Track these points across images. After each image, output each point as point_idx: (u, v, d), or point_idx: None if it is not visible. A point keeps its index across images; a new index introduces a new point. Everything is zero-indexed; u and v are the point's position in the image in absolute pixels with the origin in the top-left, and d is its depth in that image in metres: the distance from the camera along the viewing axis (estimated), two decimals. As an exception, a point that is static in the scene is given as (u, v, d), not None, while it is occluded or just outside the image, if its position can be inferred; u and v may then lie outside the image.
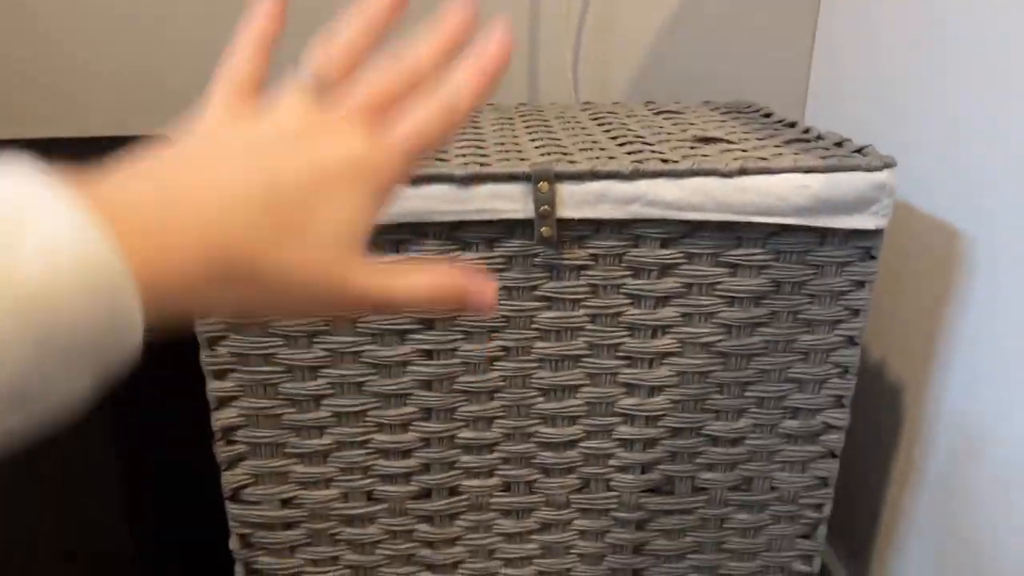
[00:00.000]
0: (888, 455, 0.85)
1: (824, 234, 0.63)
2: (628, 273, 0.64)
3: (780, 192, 0.61)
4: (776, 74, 0.99)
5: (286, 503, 0.70)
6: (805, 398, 0.69)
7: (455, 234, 0.62)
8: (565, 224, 0.62)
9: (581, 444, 0.70)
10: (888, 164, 0.61)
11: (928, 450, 0.78)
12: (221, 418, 0.66)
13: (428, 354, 0.66)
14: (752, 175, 0.61)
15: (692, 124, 0.79)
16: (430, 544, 0.73)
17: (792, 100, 1.01)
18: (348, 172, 0.27)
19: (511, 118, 0.84)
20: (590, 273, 0.64)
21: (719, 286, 0.64)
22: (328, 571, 0.73)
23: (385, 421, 0.67)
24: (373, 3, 0.30)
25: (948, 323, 0.74)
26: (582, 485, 0.71)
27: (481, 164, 0.62)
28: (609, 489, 0.72)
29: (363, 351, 0.65)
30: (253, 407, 0.66)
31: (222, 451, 0.68)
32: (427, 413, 0.68)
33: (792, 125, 0.78)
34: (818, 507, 0.73)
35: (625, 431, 0.69)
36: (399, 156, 0.29)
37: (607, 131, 0.76)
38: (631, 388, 0.68)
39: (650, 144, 0.69)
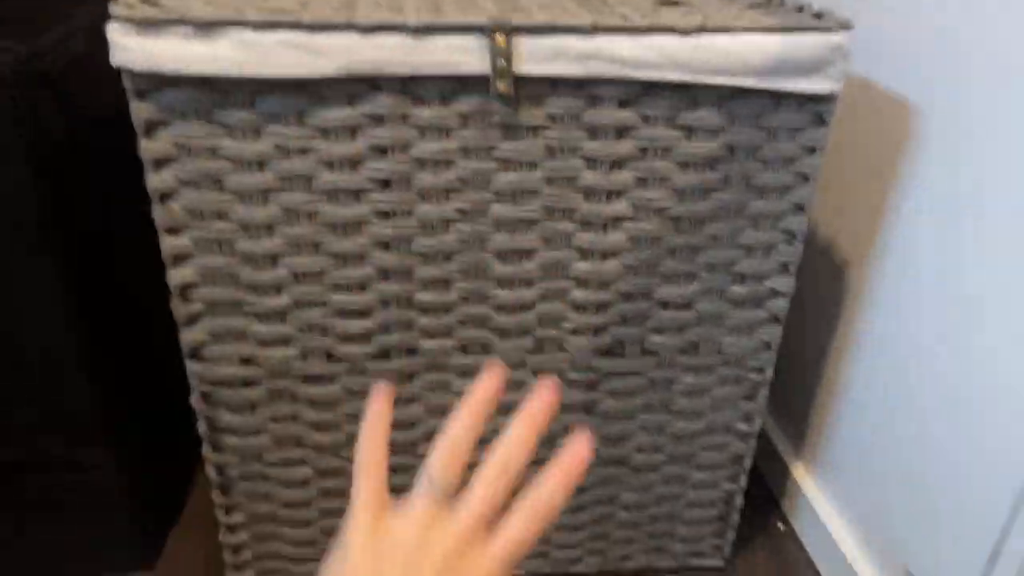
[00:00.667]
0: (830, 326, 0.89)
1: (779, 98, 0.64)
2: (585, 135, 0.64)
3: (738, 52, 0.61)
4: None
5: (246, 361, 0.71)
6: (753, 264, 0.71)
7: (409, 88, 0.61)
8: (522, 82, 0.61)
9: (536, 307, 0.72)
10: (845, 26, 0.61)
11: (868, 321, 0.81)
12: (177, 276, 0.67)
13: (385, 215, 0.66)
14: (711, 33, 0.60)
15: (656, -10, 0.77)
16: (388, 403, 0.75)
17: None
18: None
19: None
20: (547, 134, 0.64)
21: (674, 150, 0.65)
22: (289, 427, 0.75)
23: (342, 282, 0.68)
24: (477, 401, 0.35)
25: (893, 197, 0.76)
26: (536, 347, 0.74)
27: (437, 11, 0.61)
28: (562, 350, 0.74)
29: (319, 211, 0.65)
30: (209, 265, 0.66)
31: (180, 309, 0.68)
32: (385, 274, 0.68)
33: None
34: (760, 370, 0.77)
35: (578, 295, 0.71)
36: (503, 565, 0.33)
37: (569, -6, 0.74)
38: (585, 253, 0.69)
39: (610, 5, 0.68)
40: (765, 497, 1.01)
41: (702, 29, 0.60)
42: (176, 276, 0.67)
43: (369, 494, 0.34)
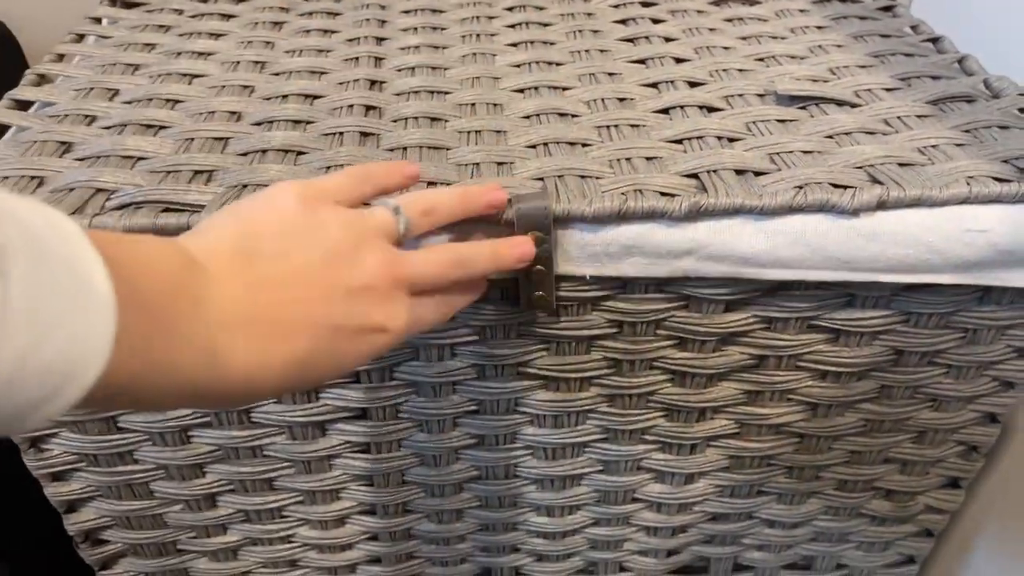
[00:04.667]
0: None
1: (987, 289, 0.39)
2: (668, 343, 0.41)
3: (934, 241, 0.36)
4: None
5: (192, 599, 0.53)
6: (905, 480, 0.49)
7: (390, 300, 0.38)
8: (568, 281, 0.38)
9: (587, 530, 0.51)
10: None
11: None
12: (78, 521, 0.47)
13: (363, 448, 0.44)
14: (892, 209, 0.36)
15: (776, 40, 0.50)
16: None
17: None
18: (367, 330, 0.28)
19: (492, 16, 0.55)
20: (608, 344, 0.40)
21: (808, 356, 0.42)
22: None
23: (313, 517, 0.48)
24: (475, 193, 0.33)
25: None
26: (586, 567, 0.53)
27: (430, 184, 0.36)
28: (623, 570, 0.54)
29: (270, 444, 0.44)
30: (116, 509, 0.46)
31: (90, 554, 0.49)
32: (370, 508, 0.48)
33: (934, 41, 0.50)
34: (895, 582, 0.56)
35: (648, 517, 0.50)
36: (406, 330, 0.30)
37: (639, 64, 0.48)
38: (661, 475, 0.47)
39: (712, 109, 0.42)
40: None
41: (881, 205, 0.35)
42: (76, 521, 0.47)
43: (323, 184, 0.30)
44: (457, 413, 0.43)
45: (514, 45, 0.51)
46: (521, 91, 0.45)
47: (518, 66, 0.48)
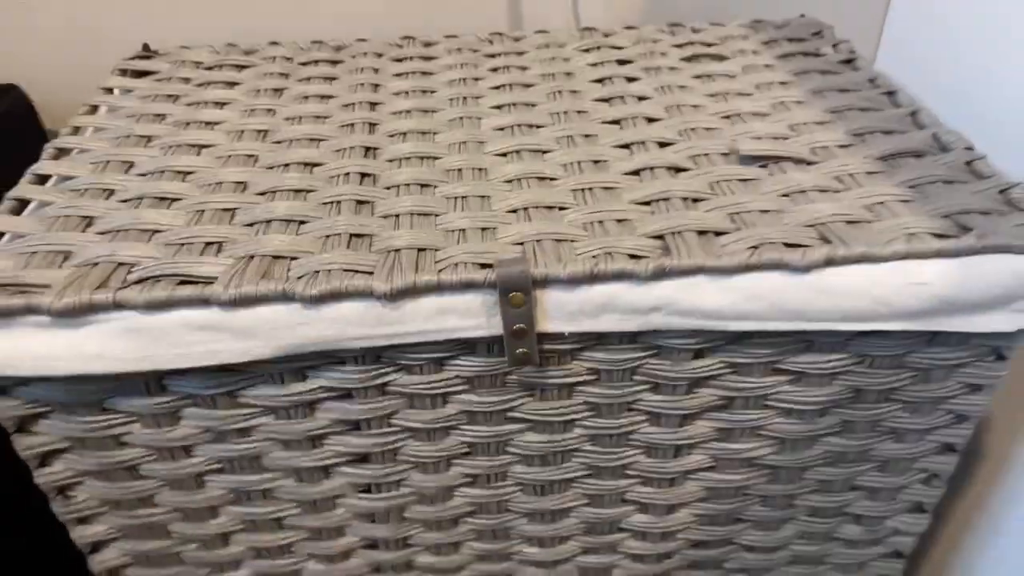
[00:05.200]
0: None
1: (936, 333, 0.43)
2: (644, 386, 0.44)
3: (881, 293, 0.39)
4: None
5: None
6: (874, 506, 0.52)
7: (385, 356, 0.42)
8: (550, 339, 0.41)
9: (577, 559, 0.54)
10: (1054, 242, 0.39)
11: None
12: (102, 561, 0.50)
13: (365, 488, 0.48)
14: (841, 266, 0.39)
15: (742, 96, 0.54)
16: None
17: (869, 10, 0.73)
18: None
19: (476, 78, 0.59)
20: (589, 390, 0.44)
21: (774, 397, 0.45)
22: None
23: (319, 551, 0.51)
24: None
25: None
26: (578, 593, 0.57)
27: (420, 251, 0.40)
28: (612, 595, 0.57)
29: (276, 488, 0.47)
30: (139, 550, 0.50)
31: (112, 592, 0.52)
32: (371, 543, 0.51)
33: (890, 94, 0.54)
34: (872, 600, 0.59)
35: (634, 546, 0.53)
36: None
37: (613, 125, 0.52)
38: (644, 507, 0.51)
39: (679, 169, 0.46)
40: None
41: (829, 262, 0.39)
42: (101, 560, 0.50)
43: None
44: (452, 455, 0.47)
45: (498, 107, 0.55)
46: (504, 155, 0.49)
47: (501, 129, 0.52)
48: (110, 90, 0.58)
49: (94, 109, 0.56)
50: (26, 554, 0.62)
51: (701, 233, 0.41)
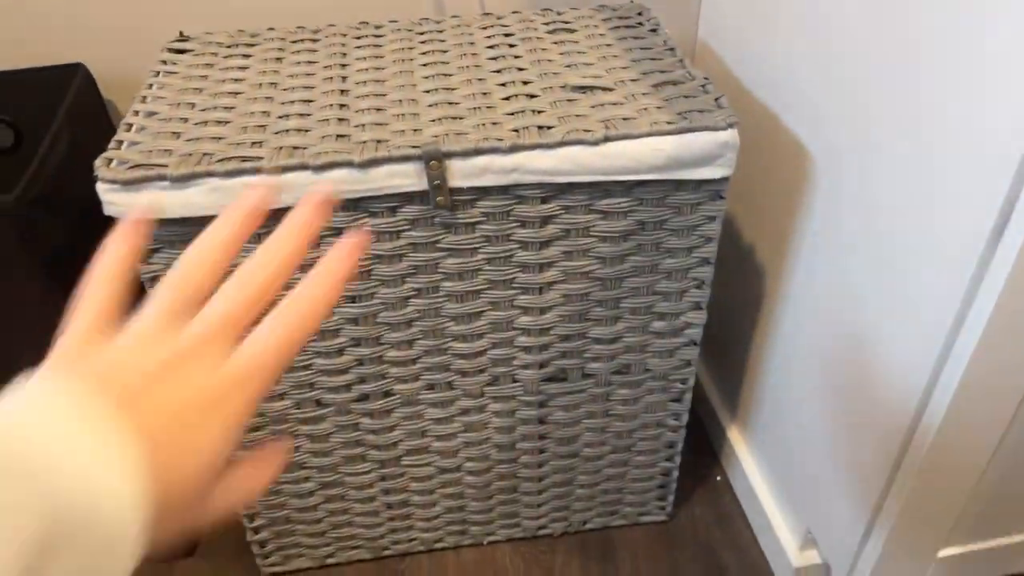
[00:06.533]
0: (756, 304, 1.02)
1: (679, 182, 0.74)
2: (515, 224, 0.75)
3: (638, 155, 0.70)
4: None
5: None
6: (669, 305, 0.83)
7: (360, 205, 0.71)
8: (457, 191, 0.71)
9: (488, 352, 0.85)
10: (732, 124, 0.71)
11: (783, 312, 0.95)
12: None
13: (351, 299, 0.78)
14: (614, 142, 0.70)
15: (580, 53, 0.85)
16: (373, 431, 0.90)
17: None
18: (202, 404, 0.27)
19: (411, 47, 0.88)
20: (483, 227, 0.74)
21: (593, 229, 0.76)
22: (292, 456, 0.90)
23: (322, 349, 0.81)
24: (233, 209, 0.32)
25: (798, 220, 0.87)
26: (492, 380, 0.87)
27: (379, 142, 0.70)
28: (515, 381, 0.88)
29: (296, 300, 0.77)
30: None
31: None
32: (356, 341, 0.81)
33: (671, 50, 0.85)
34: (684, 380, 0.91)
35: (524, 340, 0.84)
36: (239, 385, 0.28)
37: (497, 72, 0.82)
38: (526, 310, 0.81)
39: (534, 96, 0.77)
40: (708, 453, 1.18)
41: (607, 139, 0.70)
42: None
43: (80, 326, 0.28)
44: (403, 274, 0.76)
45: (425, 66, 0.84)
46: (428, 91, 0.79)
47: (427, 78, 0.82)
48: (163, 62, 0.86)
49: (156, 75, 0.84)
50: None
51: (540, 128, 0.71)
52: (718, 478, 1.15)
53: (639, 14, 0.95)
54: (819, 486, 0.90)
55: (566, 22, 0.93)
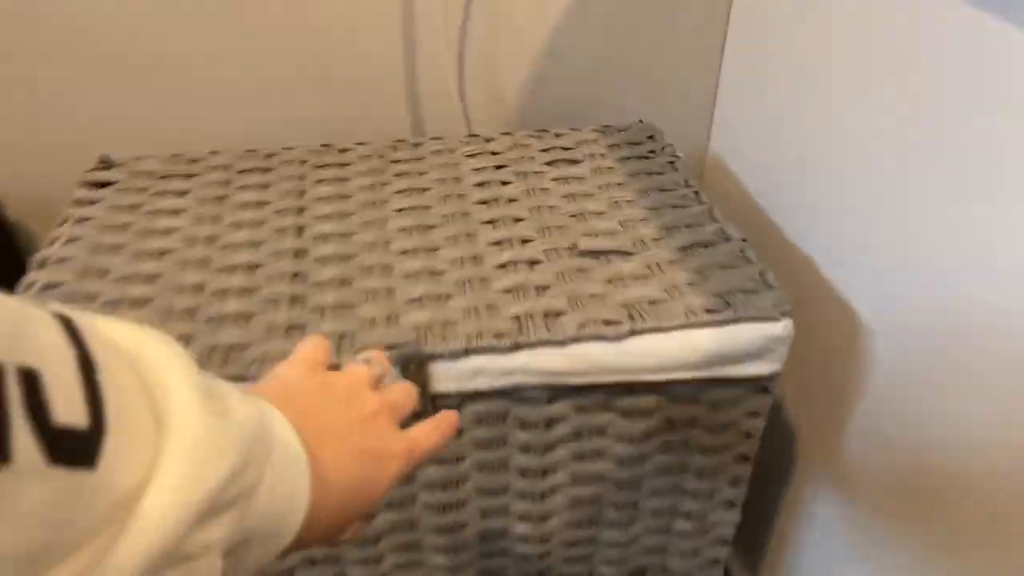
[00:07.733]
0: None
1: (716, 377, 0.60)
2: (514, 428, 0.60)
3: (670, 353, 0.56)
4: (681, 89, 0.89)
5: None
6: (696, 505, 0.69)
7: (319, 415, 0.56)
8: (443, 396, 0.56)
9: (477, 564, 0.69)
10: (785, 312, 0.57)
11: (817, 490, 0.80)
12: None
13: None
14: (640, 335, 0.56)
15: (587, 196, 0.71)
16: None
17: (698, 114, 0.92)
18: (388, 454, 0.35)
19: (384, 183, 0.74)
20: (474, 433, 0.59)
21: (609, 429, 0.61)
22: None
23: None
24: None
25: (850, 389, 0.73)
26: (480, 590, 0.71)
27: (341, 337, 0.55)
28: (507, 588, 0.72)
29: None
30: None
31: None
32: (312, 560, 0.65)
33: (696, 194, 0.71)
34: (709, 579, 0.76)
35: (520, 548, 0.68)
36: (408, 453, 0.36)
37: (489, 223, 0.67)
38: (523, 517, 0.66)
39: (536, 262, 0.62)
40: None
41: (632, 332, 0.55)
42: None
43: (307, 355, 0.37)
44: (372, 487, 0.61)
45: (400, 211, 0.70)
46: (405, 252, 0.64)
47: (404, 230, 0.67)
48: (78, 201, 0.70)
49: (63, 223, 0.68)
50: None
51: (546, 315, 0.57)
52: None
53: (650, 138, 0.81)
54: None
55: (566, 149, 0.79)
